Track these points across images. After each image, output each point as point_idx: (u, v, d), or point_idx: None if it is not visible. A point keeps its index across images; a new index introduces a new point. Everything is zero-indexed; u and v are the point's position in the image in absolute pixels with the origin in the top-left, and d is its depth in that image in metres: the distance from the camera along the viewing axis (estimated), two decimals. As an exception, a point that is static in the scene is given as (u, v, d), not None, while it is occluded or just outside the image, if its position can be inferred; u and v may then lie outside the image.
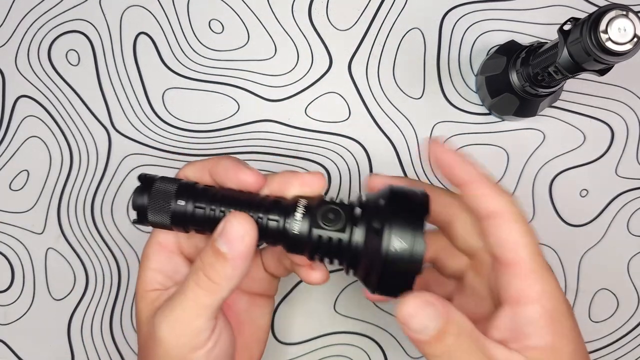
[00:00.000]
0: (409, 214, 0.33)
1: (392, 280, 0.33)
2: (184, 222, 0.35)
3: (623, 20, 0.35)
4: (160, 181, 0.36)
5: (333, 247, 0.34)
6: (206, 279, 0.33)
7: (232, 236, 0.33)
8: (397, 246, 0.32)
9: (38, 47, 0.50)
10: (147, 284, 0.36)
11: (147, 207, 0.35)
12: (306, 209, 0.34)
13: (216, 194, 0.35)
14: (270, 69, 0.50)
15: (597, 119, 0.50)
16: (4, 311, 0.49)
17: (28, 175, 0.50)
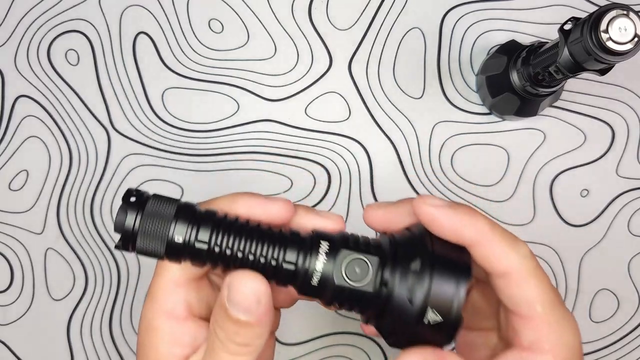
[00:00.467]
0: (449, 279, 0.29)
1: (418, 344, 0.30)
2: (181, 253, 0.30)
3: (624, 20, 0.35)
4: (155, 200, 0.30)
5: (355, 300, 0.30)
6: (235, 345, 0.30)
7: (247, 304, 0.30)
8: (432, 319, 0.29)
9: (37, 46, 0.50)
10: (163, 359, 0.33)
11: (136, 231, 0.30)
12: (328, 255, 0.30)
13: (221, 222, 0.30)
14: (270, 69, 0.50)
15: (597, 118, 0.50)
16: (3, 311, 0.49)
17: (27, 175, 0.50)
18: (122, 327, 0.49)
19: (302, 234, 0.31)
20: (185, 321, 0.33)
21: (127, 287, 0.50)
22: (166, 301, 0.33)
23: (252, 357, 0.31)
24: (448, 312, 0.29)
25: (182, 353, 0.33)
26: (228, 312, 0.30)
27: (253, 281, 0.30)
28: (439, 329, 0.29)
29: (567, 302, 0.50)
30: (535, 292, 0.32)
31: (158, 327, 0.33)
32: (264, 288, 0.30)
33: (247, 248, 0.30)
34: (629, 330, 0.50)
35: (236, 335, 0.30)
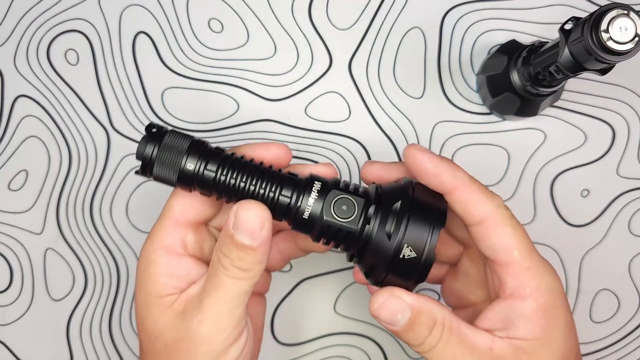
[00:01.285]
0: (425, 221, 0.33)
1: (395, 281, 0.33)
2: (191, 182, 0.34)
3: (624, 20, 0.35)
4: (171, 135, 0.34)
5: (341, 237, 0.34)
6: (237, 270, 0.33)
7: (252, 228, 0.33)
8: (407, 254, 0.32)
9: (37, 46, 0.50)
10: (161, 289, 0.35)
11: (154, 159, 0.34)
12: (319, 193, 0.34)
13: (228, 157, 0.34)
14: (270, 69, 0.50)
15: (598, 118, 0.50)
16: (3, 312, 0.49)
17: (27, 175, 0.50)
18: (121, 327, 0.49)
19: (299, 176, 0.35)
20: (181, 257, 0.36)
21: (126, 288, 0.50)
22: (165, 238, 0.36)
23: (251, 282, 0.34)
24: (422, 250, 0.32)
25: (178, 285, 0.36)
26: (234, 238, 0.33)
27: (258, 208, 0.33)
28: (414, 266, 0.33)
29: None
30: (511, 239, 0.34)
31: (156, 260, 0.36)
32: (267, 214, 0.33)
33: (250, 181, 0.34)
34: (630, 330, 0.50)
35: (239, 260, 0.33)
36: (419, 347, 0.34)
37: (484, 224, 0.34)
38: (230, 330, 0.34)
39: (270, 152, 0.36)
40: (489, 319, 0.35)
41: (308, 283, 0.50)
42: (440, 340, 0.33)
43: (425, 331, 0.33)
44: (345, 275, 0.50)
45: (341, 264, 0.50)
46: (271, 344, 0.49)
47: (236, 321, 0.34)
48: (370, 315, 0.34)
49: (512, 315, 0.34)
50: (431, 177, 0.34)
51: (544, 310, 0.34)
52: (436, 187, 0.35)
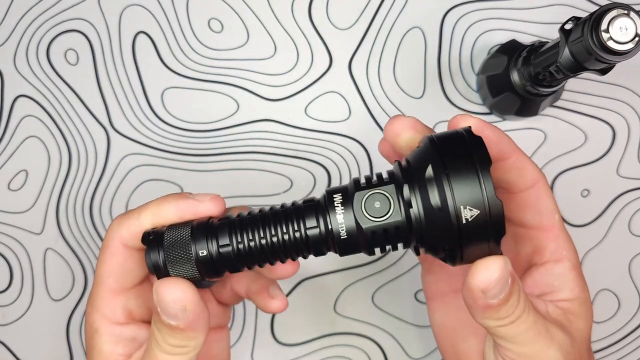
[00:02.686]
0: (467, 170, 0.28)
1: (475, 251, 0.29)
2: (214, 266, 0.31)
3: (624, 20, 0.35)
4: (170, 231, 0.32)
5: (392, 237, 0.29)
6: (170, 346, 0.32)
7: (173, 313, 0.31)
8: (469, 215, 0.27)
9: (37, 46, 0.50)
10: (107, 358, 0.34)
11: (165, 264, 0.31)
12: (344, 204, 0.30)
13: (234, 222, 0.31)
14: (269, 68, 0.50)
15: (598, 118, 0.50)
16: (3, 312, 0.49)
17: (27, 175, 0.50)
18: (121, 327, 0.49)
19: (315, 198, 0.31)
20: (123, 325, 0.35)
21: (126, 288, 0.50)
22: (104, 308, 0.35)
23: (190, 356, 0.33)
24: (482, 202, 0.27)
25: (125, 351, 0.35)
26: (161, 317, 0.31)
27: (176, 290, 0.31)
28: (484, 223, 0.27)
29: (568, 303, 0.50)
30: (553, 203, 0.36)
31: (98, 330, 0.35)
32: (189, 295, 0.31)
33: (268, 233, 0.30)
34: (630, 330, 0.50)
35: (170, 338, 0.32)
36: (505, 319, 0.31)
37: (535, 188, 0.35)
38: None
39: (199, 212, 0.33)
40: (530, 287, 0.35)
41: (308, 283, 0.50)
42: (524, 309, 0.31)
43: (516, 300, 0.31)
44: (346, 275, 0.50)
45: (341, 264, 0.50)
46: (271, 344, 0.49)
47: None
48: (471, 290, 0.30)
49: (553, 278, 0.35)
50: (492, 145, 0.33)
51: (577, 269, 0.35)
52: (496, 154, 0.34)
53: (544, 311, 0.34)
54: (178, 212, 0.33)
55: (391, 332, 0.49)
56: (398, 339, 0.49)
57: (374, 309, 0.49)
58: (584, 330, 0.35)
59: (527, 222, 0.36)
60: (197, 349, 0.33)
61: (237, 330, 0.49)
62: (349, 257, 0.46)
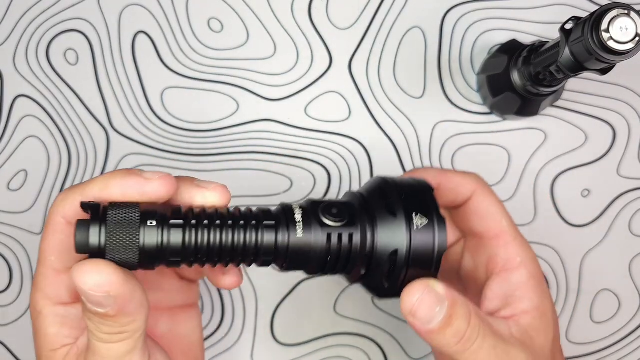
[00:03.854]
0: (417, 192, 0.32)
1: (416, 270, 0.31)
2: (155, 259, 0.29)
3: (625, 19, 0.35)
4: (114, 208, 0.29)
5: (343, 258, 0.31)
6: (106, 335, 0.29)
7: (96, 300, 0.28)
8: (420, 223, 0.30)
9: (36, 46, 0.50)
10: (53, 342, 0.32)
11: (103, 246, 0.28)
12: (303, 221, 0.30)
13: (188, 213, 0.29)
14: (269, 68, 0.50)
15: (598, 118, 0.50)
16: (2, 312, 0.49)
17: (26, 175, 0.50)
18: (121, 327, 0.49)
19: (275, 215, 0.31)
20: (70, 305, 0.32)
21: (126, 288, 0.49)
22: (47, 288, 0.32)
23: (131, 340, 0.30)
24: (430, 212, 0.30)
25: (71, 334, 0.32)
26: (86, 306, 0.28)
27: (94, 275, 0.27)
28: (431, 231, 0.30)
29: (568, 303, 0.50)
30: (498, 208, 0.36)
31: (42, 312, 0.32)
32: (111, 278, 0.27)
33: (223, 238, 0.29)
34: (630, 330, 0.50)
35: (103, 326, 0.29)
36: (457, 345, 0.31)
37: (474, 198, 0.36)
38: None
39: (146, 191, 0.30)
40: (490, 300, 0.35)
41: (308, 283, 0.49)
42: (479, 333, 0.31)
43: (464, 324, 0.31)
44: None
45: (341, 264, 0.49)
46: (271, 344, 0.49)
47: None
48: (404, 315, 0.31)
49: (511, 288, 0.34)
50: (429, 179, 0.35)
51: (535, 278, 0.35)
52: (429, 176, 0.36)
53: (507, 333, 0.33)
54: (123, 189, 0.30)
55: (391, 332, 0.49)
56: (398, 339, 0.49)
57: (374, 309, 0.49)
58: (545, 346, 0.34)
59: (475, 230, 0.36)
60: (138, 331, 0.30)
61: (237, 330, 0.49)
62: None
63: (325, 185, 0.50)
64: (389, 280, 0.31)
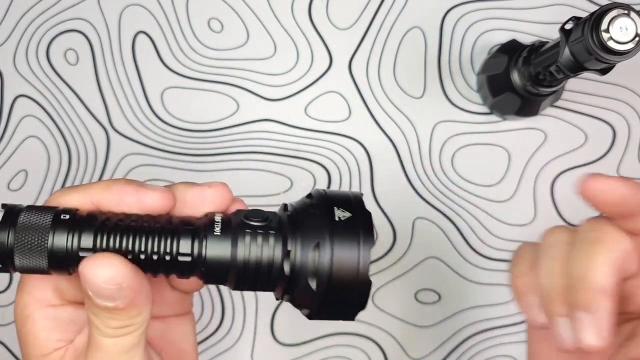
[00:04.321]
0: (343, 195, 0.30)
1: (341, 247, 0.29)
2: (67, 262, 0.28)
3: (625, 19, 0.35)
4: (28, 211, 0.28)
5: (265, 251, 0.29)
6: (112, 329, 0.29)
7: (108, 294, 0.27)
8: (342, 215, 0.28)
9: (36, 46, 0.50)
10: (44, 347, 0.31)
11: (12, 247, 0.27)
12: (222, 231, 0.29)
13: (105, 223, 0.28)
14: (269, 68, 0.50)
15: (598, 118, 0.50)
16: (2, 312, 0.49)
17: (26, 175, 0.50)
18: (121, 327, 0.49)
19: (194, 222, 0.29)
20: (59, 307, 0.31)
21: (126, 288, 0.49)
22: (34, 290, 0.31)
23: (137, 333, 0.29)
24: (354, 207, 0.29)
25: (63, 337, 0.31)
26: (94, 302, 0.28)
27: (107, 267, 0.27)
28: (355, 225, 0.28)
29: (568, 303, 0.50)
30: None
31: (31, 316, 0.31)
32: (122, 271, 0.27)
33: (137, 246, 0.28)
34: (630, 330, 0.50)
35: (111, 321, 0.28)
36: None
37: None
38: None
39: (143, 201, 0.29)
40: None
41: (308, 283, 0.49)
42: None
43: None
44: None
45: (341, 264, 0.49)
46: (271, 344, 0.49)
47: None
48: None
49: None
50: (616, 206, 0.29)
51: None
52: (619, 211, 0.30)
53: None
54: (120, 196, 0.29)
55: (391, 332, 0.49)
56: (398, 339, 0.49)
57: (374, 309, 0.49)
58: None
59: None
60: (144, 324, 0.29)
61: (237, 330, 0.49)
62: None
63: (325, 185, 0.50)
64: (316, 277, 0.28)
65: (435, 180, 0.49)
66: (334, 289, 0.28)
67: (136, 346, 0.29)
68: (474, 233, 0.50)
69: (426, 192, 0.50)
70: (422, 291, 0.50)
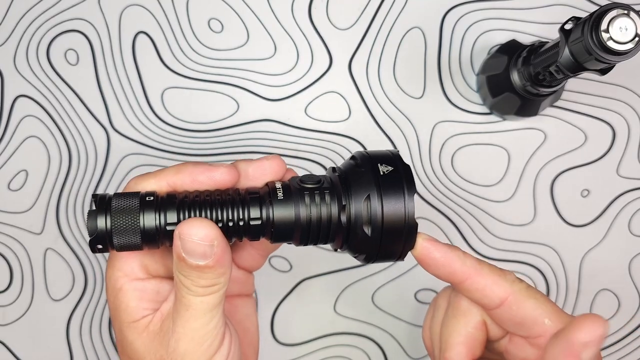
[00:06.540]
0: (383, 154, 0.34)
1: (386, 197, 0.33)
2: (157, 238, 0.33)
3: (624, 20, 0.35)
4: (117, 198, 0.33)
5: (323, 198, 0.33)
6: (200, 288, 0.32)
7: (201, 250, 0.31)
8: (386, 170, 0.33)
9: (37, 46, 0.50)
10: (133, 314, 0.35)
11: (110, 230, 0.32)
12: (283, 184, 0.34)
13: (184, 201, 0.33)
14: (270, 69, 0.50)
15: (598, 118, 0.50)
16: (3, 312, 0.49)
17: (27, 175, 0.50)
18: (121, 327, 0.49)
19: (259, 190, 0.34)
20: (145, 280, 0.36)
21: (126, 288, 0.50)
22: (124, 265, 0.35)
23: (220, 293, 0.33)
24: (395, 162, 0.33)
25: (150, 306, 0.35)
26: (187, 261, 0.32)
27: (201, 227, 0.31)
28: (398, 175, 0.33)
29: (568, 303, 0.50)
30: (536, 310, 0.33)
31: (121, 288, 0.35)
32: (214, 231, 0.31)
33: (214, 216, 0.32)
34: (630, 330, 0.50)
35: (200, 279, 0.32)
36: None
37: (506, 304, 0.34)
38: (209, 342, 0.34)
39: (213, 177, 0.34)
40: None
41: (308, 283, 0.50)
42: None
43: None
44: (345, 275, 0.50)
45: (341, 263, 0.50)
46: (271, 344, 0.49)
47: (214, 332, 0.34)
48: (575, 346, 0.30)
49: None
50: (440, 267, 0.34)
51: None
52: (447, 277, 0.34)
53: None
54: (193, 175, 0.34)
55: (391, 332, 0.49)
56: (398, 339, 0.49)
57: (374, 309, 0.49)
58: None
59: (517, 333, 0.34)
60: (226, 284, 0.33)
61: (237, 330, 0.49)
62: (348, 258, 0.46)
63: (325, 185, 0.50)
64: (370, 224, 0.33)
65: (435, 180, 0.50)
66: (387, 233, 0.33)
67: (218, 305, 0.33)
68: (474, 233, 0.50)
69: (426, 192, 0.50)
70: (422, 291, 0.50)
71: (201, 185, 0.34)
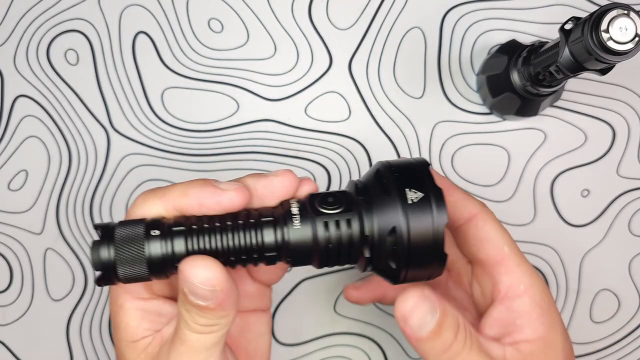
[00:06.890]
0: (411, 165, 0.31)
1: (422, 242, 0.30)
2: (164, 267, 0.31)
3: (624, 20, 0.35)
4: (121, 227, 0.31)
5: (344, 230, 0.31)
6: (199, 326, 0.31)
7: (202, 293, 0.30)
8: (414, 197, 0.30)
9: (37, 46, 0.50)
10: (133, 334, 0.34)
11: (114, 261, 0.30)
12: (300, 206, 0.31)
13: (191, 229, 0.31)
14: (269, 69, 0.50)
15: (598, 118, 0.50)
16: (2, 312, 0.49)
17: (27, 175, 0.50)
18: (121, 327, 0.49)
19: (273, 211, 0.31)
20: (147, 300, 0.35)
21: (126, 288, 0.49)
22: (127, 285, 0.34)
23: (220, 334, 0.32)
24: (425, 186, 0.30)
25: (151, 327, 0.34)
26: (188, 298, 0.30)
27: (204, 269, 0.30)
28: (427, 204, 0.30)
29: (568, 303, 0.50)
30: (499, 234, 0.35)
31: (123, 305, 0.34)
32: (217, 275, 0.30)
33: (224, 245, 0.31)
34: (630, 330, 0.50)
35: (199, 318, 0.31)
36: (443, 355, 0.32)
37: (473, 221, 0.35)
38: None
39: (221, 202, 0.32)
40: (491, 327, 0.34)
41: (308, 283, 0.50)
42: (464, 347, 0.32)
43: (451, 335, 0.31)
44: (345, 275, 0.50)
45: (341, 264, 0.50)
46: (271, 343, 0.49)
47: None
48: (397, 320, 0.31)
49: (513, 316, 0.34)
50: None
51: (541, 307, 0.34)
52: None
53: (499, 355, 0.33)
54: (199, 199, 0.32)
55: (391, 332, 0.49)
56: (398, 339, 0.49)
57: (374, 309, 0.49)
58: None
59: (477, 256, 0.35)
60: (227, 326, 0.32)
61: (237, 330, 0.49)
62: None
63: (325, 185, 0.50)
64: (395, 259, 0.31)
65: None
66: (413, 267, 0.30)
67: (216, 345, 0.32)
68: (473, 233, 0.50)
69: (426, 192, 0.50)
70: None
71: (209, 210, 0.32)
